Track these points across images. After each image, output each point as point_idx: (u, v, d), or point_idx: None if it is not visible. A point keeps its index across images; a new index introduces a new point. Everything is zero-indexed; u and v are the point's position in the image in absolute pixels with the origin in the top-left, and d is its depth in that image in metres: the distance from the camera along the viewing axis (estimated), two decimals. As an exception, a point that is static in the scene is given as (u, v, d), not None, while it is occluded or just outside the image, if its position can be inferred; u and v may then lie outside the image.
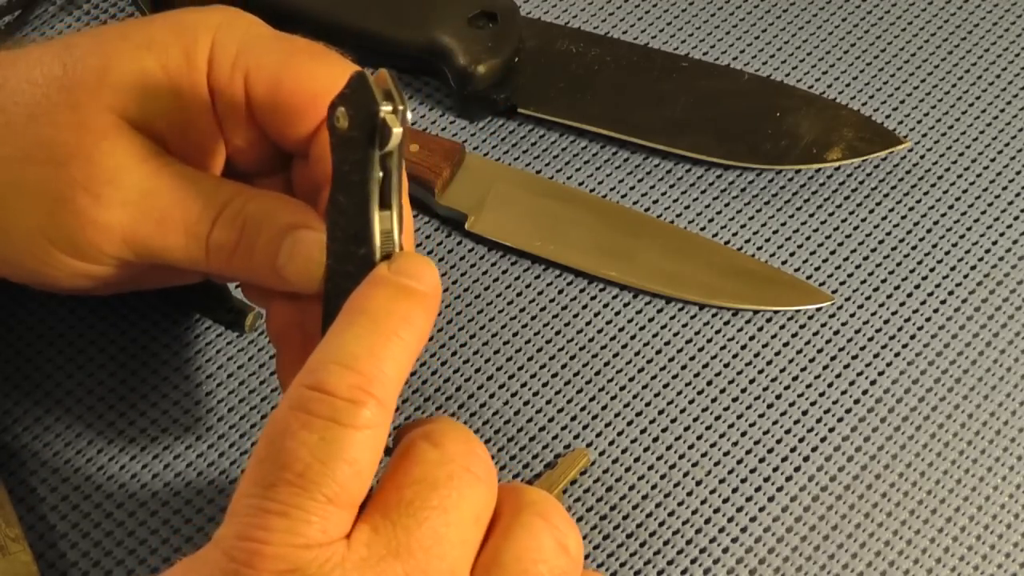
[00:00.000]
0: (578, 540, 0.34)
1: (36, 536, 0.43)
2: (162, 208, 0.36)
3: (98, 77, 0.37)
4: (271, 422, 0.31)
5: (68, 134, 0.36)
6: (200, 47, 0.37)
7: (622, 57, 0.54)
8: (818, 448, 0.45)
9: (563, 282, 0.49)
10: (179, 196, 0.36)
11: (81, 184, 0.35)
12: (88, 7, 0.56)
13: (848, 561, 0.43)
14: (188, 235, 0.36)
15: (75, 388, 0.46)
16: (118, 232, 0.36)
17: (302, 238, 0.36)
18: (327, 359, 0.31)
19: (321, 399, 0.30)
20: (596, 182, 0.51)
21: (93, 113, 0.36)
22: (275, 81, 0.37)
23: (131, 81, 0.37)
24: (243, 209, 0.36)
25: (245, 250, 0.36)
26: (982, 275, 0.49)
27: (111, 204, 0.36)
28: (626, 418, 0.46)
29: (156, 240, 0.36)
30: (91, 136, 0.36)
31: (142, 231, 0.36)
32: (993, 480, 0.45)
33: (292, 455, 0.30)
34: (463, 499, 0.32)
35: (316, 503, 0.30)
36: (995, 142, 0.53)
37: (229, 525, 0.30)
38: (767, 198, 0.51)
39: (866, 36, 0.56)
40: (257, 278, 0.37)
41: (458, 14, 0.52)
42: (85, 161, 0.36)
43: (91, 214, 0.35)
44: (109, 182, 0.36)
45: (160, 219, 0.36)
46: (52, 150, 0.36)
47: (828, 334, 0.48)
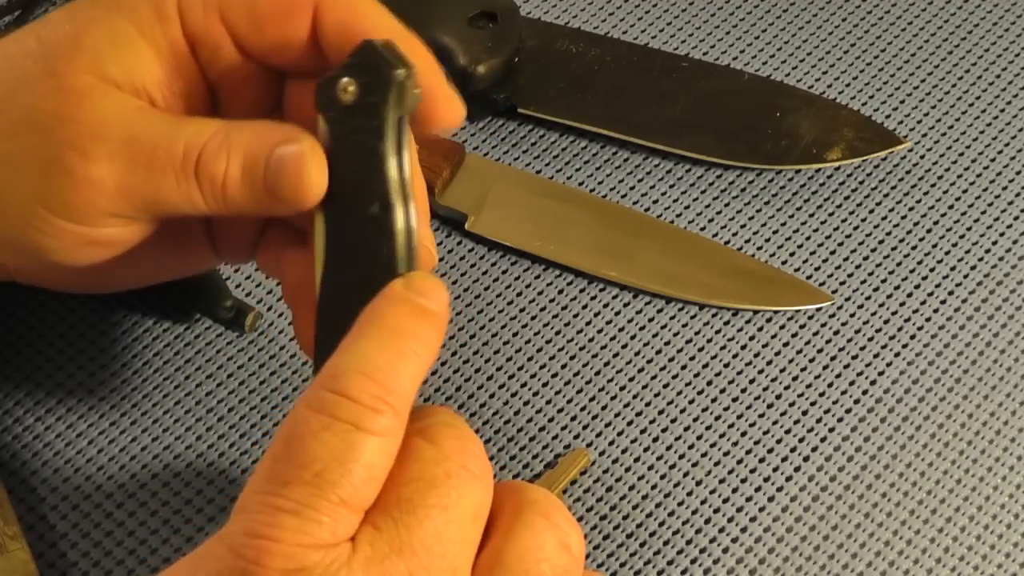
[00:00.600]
0: (580, 539, 0.34)
1: (36, 536, 0.43)
2: (148, 152, 0.36)
3: (73, 43, 0.37)
4: (289, 422, 0.31)
5: (49, 100, 0.36)
6: (168, 2, 0.37)
7: (622, 57, 0.54)
8: (818, 448, 0.45)
9: (563, 282, 0.49)
10: (163, 138, 0.36)
11: (68, 144, 0.35)
12: (88, 7, 0.56)
13: (848, 561, 0.43)
14: (178, 174, 0.36)
15: (75, 388, 0.46)
16: (110, 185, 0.35)
17: (288, 151, 0.35)
18: (349, 367, 0.32)
19: (344, 403, 0.31)
20: (596, 182, 0.51)
21: (71, 77, 0.36)
22: (250, 8, 0.37)
23: (106, 43, 0.37)
24: (227, 138, 0.36)
25: (235, 178, 0.36)
26: (982, 275, 0.49)
27: (98, 158, 0.35)
28: (626, 418, 0.46)
29: (149, 185, 0.36)
30: (72, 98, 0.36)
31: (133, 179, 0.36)
32: (993, 480, 0.45)
33: (311, 455, 0.30)
34: (461, 497, 0.32)
35: (329, 504, 0.30)
36: (995, 142, 0.53)
37: (237, 521, 0.30)
38: (767, 198, 0.51)
39: (866, 36, 0.56)
40: (254, 206, 0.36)
41: (458, 14, 0.52)
42: (69, 121, 0.36)
43: (81, 171, 0.35)
44: (94, 137, 0.35)
45: (148, 163, 0.35)
46: (35, 118, 0.36)
47: (828, 334, 0.48)
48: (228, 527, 0.30)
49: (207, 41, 0.38)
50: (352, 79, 0.34)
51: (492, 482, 0.33)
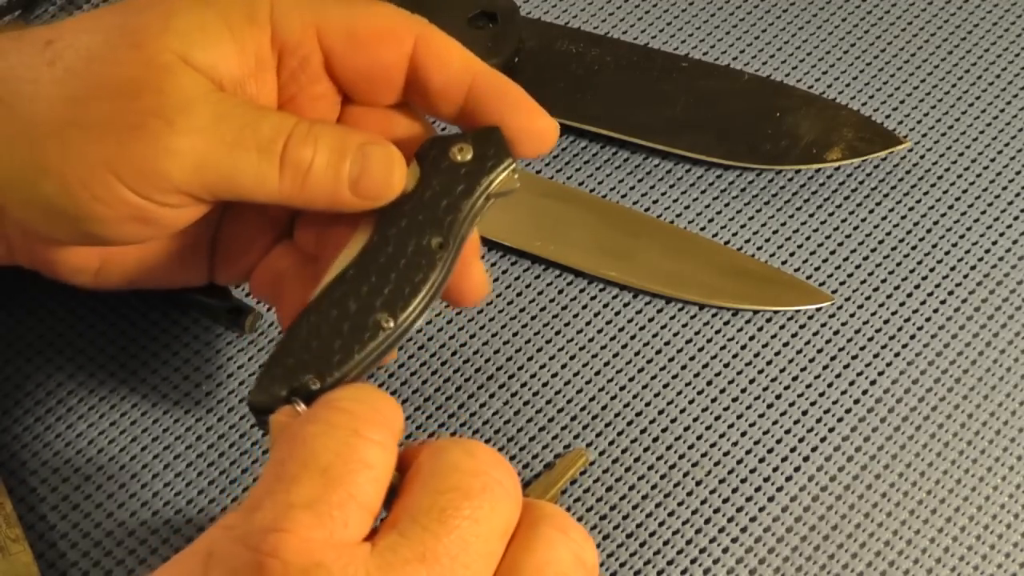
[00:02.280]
0: (594, 554, 0.34)
1: (36, 536, 0.43)
2: (235, 130, 0.36)
3: (162, 23, 0.37)
4: (290, 432, 0.32)
5: (135, 69, 0.36)
6: (261, 8, 0.38)
7: (622, 57, 0.54)
8: (818, 448, 0.45)
9: (563, 282, 0.49)
10: (251, 119, 0.36)
11: (154, 112, 0.35)
12: (88, 7, 0.56)
13: (848, 561, 0.43)
14: (261, 153, 0.36)
15: (75, 388, 0.46)
16: (191, 158, 0.36)
17: (377, 148, 0.37)
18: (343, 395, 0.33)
19: (341, 414, 0.32)
20: (596, 182, 0.51)
21: (157, 52, 0.36)
22: (350, 31, 0.38)
23: (195, 29, 0.37)
24: (313, 129, 0.37)
25: (320, 166, 0.37)
26: (982, 275, 0.49)
27: (186, 130, 0.35)
28: (626, 418, 0.46)
29: (228, 163, 0.36)
30: (159, 71, 0.36)
31: (215, 155, 0.36)
32: (993, 480, 0.45)
33: (314, 454, 0.31)
34: (494, 512, 0.32)
35: (339, 497, 0.31)
36: (995, 142, 0.53)
37: (250, 519, 0.30)
38: (767, 198, 0.51)
39: (866, 36, 0.56)
40: (328, 199, 0.37)
41: (458, 14, 0.52)
42: (156, 92, 0.36)
43: (165, 140, 0.35)
44: (182, 110, 0.36)
45: (233, 141, 0.36)
46: (119, 85, 0.36)
47: (828, 334, 0.48)
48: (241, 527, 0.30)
49: (298, 52, 0.39)
50: (471, 147, 0.38)
51: (520, 501, 0.33)
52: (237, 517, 0.31)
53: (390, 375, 0.46)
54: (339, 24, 0.39)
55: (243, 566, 0.30)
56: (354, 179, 0.37)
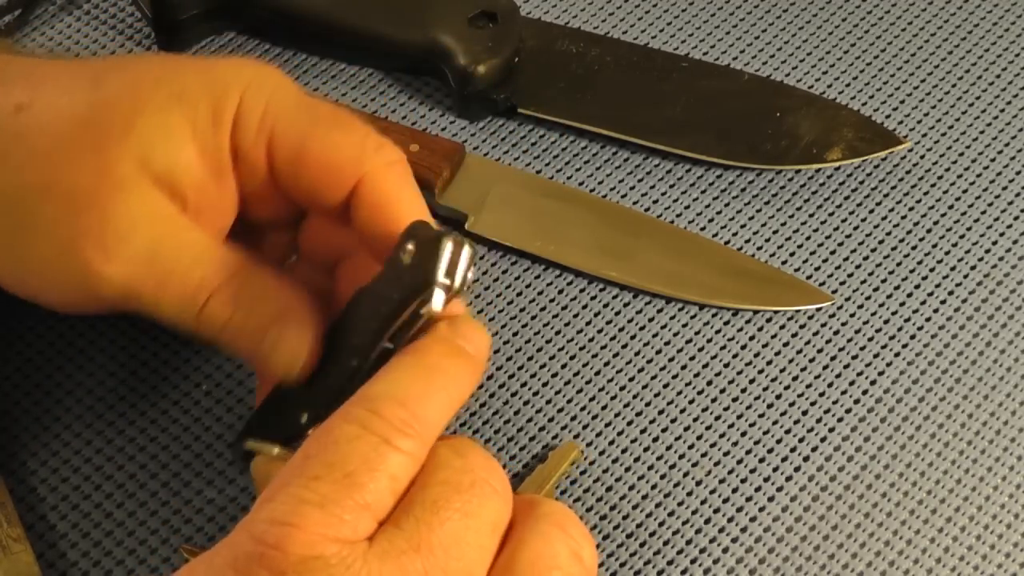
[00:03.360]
0: (592, 551, 0.34)
1: (36, 536, 0.43)
2: (165, 272, 0.37)
3: (125, 124, 0.37)
4: (323, 429, 0.33)
5: (89, 179, 0.37)
6: (228, 104, 0.38)
7: (622, 57, 0.54)
8: (818, 448, 0.45)
9: (563, 282, 0.49)
10: (183, 264, 0.37)
11: (94, 235, 0.37)
12: (88, 7, 0.56)
13: (848, 561, 0.43)
14: (183, 301, 0.37)
15: (75, 388, 0.46)
16: (119, 285, 0.37)
17: (287, 334, 0.37)
18: (384, 393, 0.33)
19: (376, 420, 0.32)
20: (596, 182, 0.51)
21: (115, 160, 0.37)
22: (298, 151, 0.38)
23: (158, 133, 0.38)
24: (239, 290, 0.37)
25: (234, 328, 0.37)
26: (982, 275, 0.49)
27: (117, 260, 0.37)
28: (626, 418, 0.46)
29: (153, 298, 0.37)
30: (110, 185, 0.37)
31: (142, 288, 0.37)
32: (993, 480, 0.45)
33: (343, 457, 0.32)
34: (483, 507, 0.33)
35: (354, 504, 0.31)
36: (995, 142, 0.53)
37: (261, 510, 0.31)
38: (767, 198, 0.51)
39: (866, 36, 0.56)
40: (242, 355, 0.38)
41: (458, 14, 0.52)
42: (100, 212, 0.37)
43: (96, 266, 0.37)
44: (120, 239, 0.37)
45: (160, 282, 0.37)
46: (71, 192, 0.37)
47: (828, 334, 0.48)
48: (251, 515, 0.31)
49: (248, 160, 0.39)
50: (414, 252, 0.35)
51: (511, 500, 0.34)
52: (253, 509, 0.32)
53: (390, 375, 0.46)
54: (291, 139, 0.39)
55: (244, 555, 0.30)
56: (263, 354, 0.37)
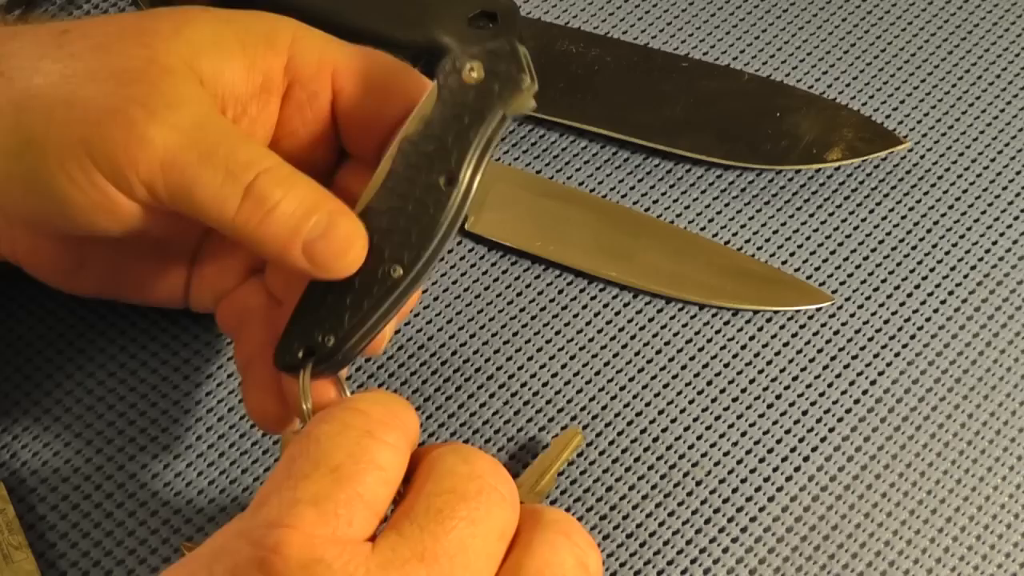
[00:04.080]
0: (597, 559, 0.34)
1: (36, 536, 0.43)
2: (212, 143, 0.35)
3: (174, 30, 0.37)
4: (304, 431, 0.33)
5: (136, 63, 0.36)
6: (282, 36, 0.38)
7: (622, 57, 0.54)
8: (818, 448, 0.45)
9: (563, 282, 0.49)
10: (232, 140, 0.35)
11: (138, 100, 0.35)
12: (88, 7, 0.56)
13: (848, 561, 0.43)
14: (228, 175, 0.35)
15: (75, 388, 0.46)
16: (160, 152, 0.35)
17: (342, 222, 0.36)
18: (361, 397, 0.34)
19: (358, 415, 0.33)
20: (596, 182, 0.51)
21: (164, 54, 0.36)
22: (365, 77, 0.39)
23: (207, 42, 0.37)
24: (292, 176, 0.36)
25: (283, 213, 0.35)
26: (982, 275, 0.49)
27: (163, 123, 0.35)
28: (626, 418, 0.46)
29: (193, 171, 0.35)
30: (158, 69, 0.36)
31: (184, 157, 0.35)
32: (993, 480, 0.45)
33: (328, 453, 0.32)
34: (490, 514, 0.32)
35: (347, 496, 0.31)
36: (995, 142, 0.53)
37: (256, 515, 0.31)
38: (767, 198, 0.51)
39: (866, 36, 0.56)
40: (278, 249, 0.36)
41: (458, 14, 0.52)
42: (148, 84, 0.35)
43: (140, 128, 0.35)
44: (168, 105, 0.35)
45: (206, 151, 0.35)
46: (116, 72, 0.36)
47: (828, 334, 0.48)
48: (245, 521, 0.31)
49: (310, 86, 0.39)
50: (481, 64, 0.36)
51: (518, 508, 0.34)
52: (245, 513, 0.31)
53: (390, 375, 0.46)
54: (356, 67, 0.39)
55: (245, 561, 0.30)
56: (311, 240, 0.35)
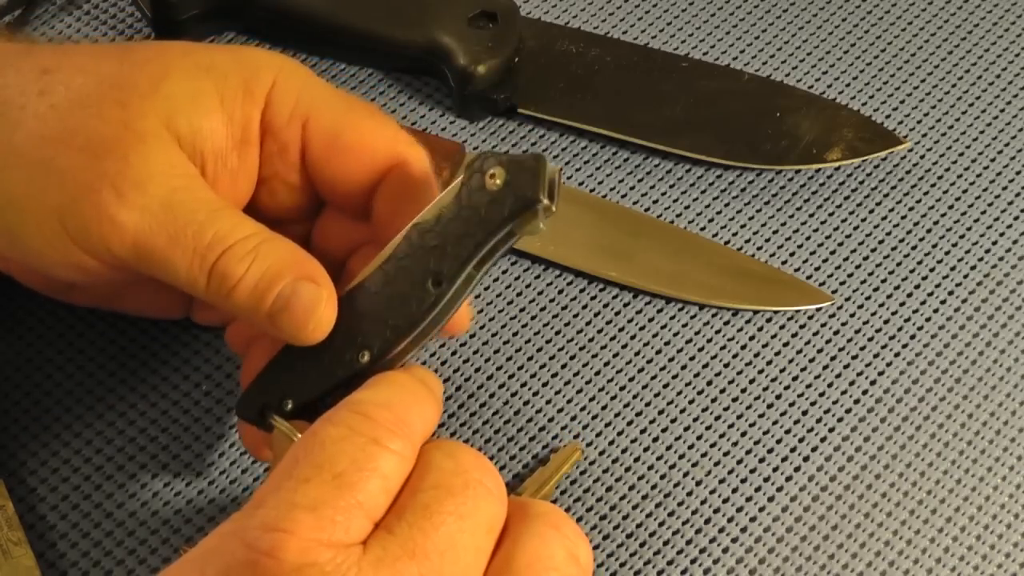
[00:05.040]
0: (588, 551, 0.34)
1: (36, 536, 0.43)
2: (179, 225, 0.36)
3: (153, 84, 0.37)
4: (309, 432, 0.33)
5: (111, 128, 0.36)
6: (261, 83, 0.38)
7: (622, 57, 0.54)
8: (818, 448, 0.45)
9: (563, 282, 0.49)
10: (199, 218, 0.36)
11: (111, 179, 0.36)
12: (88, 7, 0.56)
13: (848, 561, 0.43)
14: (195, 256, 0.36)
15: (75, 388, 0.46)
16: (131, 235, 0.36)
17: (303, 289, 0.36)
18: (369, 399, 0.33)
19: (364, 421, 0.32)
20: (596, 182, 0.51)
21: (139, 116, 0.36)
22: (334, 133, 0.39)
23: (185, 96, 0.37)
24: (258, 246, 0.36)
25: (247, 287, 0.36)
26: (982, 275, 0.49)
27: (132, 206, 0.36)
28: (626, 418, 0.46)
29: (163, 253, 0.36)
30: (132, 137, 0.36)
31: (153, 241, 0.36)
32: (993, 480, 0.45)
33: (332, 458, 0.31)
34: (478, 508, 0.33)
35: (346, 504, 0.31)
36: (995, 142, 0.53)
37: (252, 516, 0.31)
38: (767, 198, 0.51)
39: (866, 36, 0.56)
40: (246, 316, 0.37)
41: (458, 14, 0.52)
42: (120, 158, 0.36)
43: (111, 210, 0.36)
44: (137, 185, 0.36)
45: (173, 234, 0.36)
46: (91, 140, 0.36)
47: (828, 334, 0.48)
48: (241, 521, 0.31)
49: (280, 137, 0.39)
50: (504, 173, 0.35)
51: (506, 500, 0.34)
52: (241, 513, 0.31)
53: (390, 375, 0.46)
54: (327, 123, 0.39)
55: (238, 563, 0.30)
56: (275, 311, 0.36)
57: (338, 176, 0.39)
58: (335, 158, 0.39)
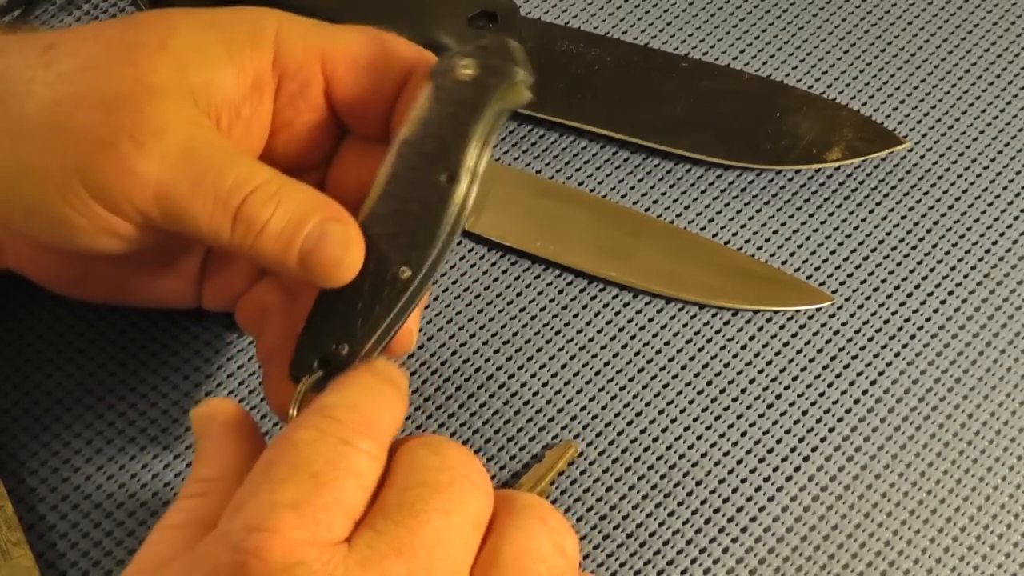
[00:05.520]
0: (574, 542, 0.34)
1: (36, 536, 0.43)
2: (199, 171, 0.36)
3: (160, 41, 0.37)
4: (280, 437, 0.33)
5: (123, 84, 0.36)
6: (266, 31, 0.38)
7: (622, 57, 0.54)
8: (818, 448, 0.45)
9: (563, 282, 0.49)
10: (218, 164, 0.36)
11: (128, 131, 0.35)
12: (88, 7, 0.56)
13: (848, 561, 0.43)
14: (217, 203, 0.36)
15: (75, 388, 0.46)
16: (152, 185, 0.35)
17: (332, 230, 0.36)
18: (336, 402, 0.33)
19: (333, 423, 0.32)
20: (596, 182, 0.51)
21: (151, 71, 0.36)
22: (355, 55, 0.39)
23: (192, 51, 0.37)
24: (279, 190, 0.36)
25: (274, 231, 0.36)
26: (982, 275, 0.49)
27: (152, 156, 0.35)
28: (626, 418, 0.46)
29: (185, 201, 0.36)
30: (145, 91, 0.36)
31: (175, 189, 0.36)
32: (993, 480, 0.45)
33: (307, 459, 0.31)
34: (464, 504, 0.32)
35: (325, 502, 0.31)
36: (995, 142, 0.53)
37: (233, 519, 0.31)
38: (767, 198, 0.51)
39: (866, 36, 0.56)
40: (275, 262, 0.37)
41: (458, 14, 0.52)
42: (135, 111, 0.36)
43: (131, 162, 0.35)
44: (155, 134, 0.35)
45: (195, 181, 0.36)
46: (103, 97, 0.36)
47: (828, 334, 0.48)
48: (223, 526, 0.31)
49: (299, 77, 0.39)
50: (475, 61, 0.36)
51: (492, 495, 0.34)
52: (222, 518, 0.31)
53: (390, 375, 0.46)
54: (344, 50, 0.39)
55: (224, 567, 0.30)
56: (305, 252, 0.36)
57: (366, 94, 0.39)
58: (361, 77, 0.39)
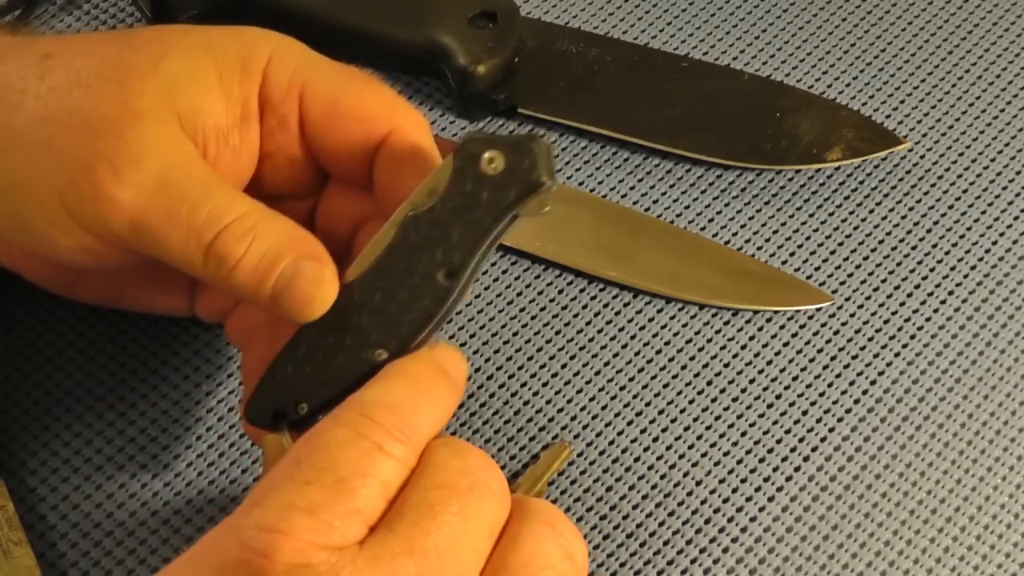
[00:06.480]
0: (583, 549, 0.34)
1: (36, 536, 0.43)
2: (174, 202, 0.36)
3: (152, 63, 0.37)
4: (314, 432, 0.32)
5: (108, 107, 0.36)
6: (258, 58, 0.38)
7: (622, 57, 0.54)
8: (818, 448, 0.45)
9: (563, 282, 0.49)
10: (194, 195, 0.36)
11: (107, 156, 0.36)
12: (88, 7, 0.56)
13: (848, 561, 0.43)
14: (191, 235, 0.36)
15: (75, 388, 0.46)
16: (128, 212, 0.36)
17: (306, 268, 0.36)
18: (376, 400, 0.33)
19: (370, 425, 0.32)
20: (596, 182, 0.51)
21: (138, 94, 0.36)
22: (332, 102, 0.38)
23: (184, 74, 0.37)
24: (255, 225, 0.36)
25: (247, 267, 0.36)
26: (982, 275, 0.49)
27: (129, 183, 0.35)
28: (626, 418, 0.46)
29: (159, 231, 0.36)
30: (129, 114, 0.36)
31: (149, 218, 0.36)
32: (993, 480, 0.45)
33: (334, 462, 0.31)
34: (481, 510, 0.32)
35: (345, 510, 0.31)
36: (995, 142, 0.53)
37: (249, 515, 0.31)
38: (767, 198, 0.51)
39: (866, 36, 0.56)
40: (248, 296, 0.37)
41: (458, 14, 0.52)
42: (116, 136, 0.36)
43: (108, 188, 0.35)
44: (133, 161, 0.36)
45: (168, 212, 0.36)
46: (88, 118, 0.36)
47: (828, 334, 0.48)
48: (238, 519, 0.31)
49: (279, 111, 0.39)
50: (503, 156, 0.34)
51: (509, 503, 0.34)
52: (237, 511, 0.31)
53: (390, 375, 0.46)
54: (324, 92, 0.39)
55: (232, 563, 0.30)
56: (278, 290, 0.36)
57: (338, 144, 0.39)
58: (333, 125, 0.38)
